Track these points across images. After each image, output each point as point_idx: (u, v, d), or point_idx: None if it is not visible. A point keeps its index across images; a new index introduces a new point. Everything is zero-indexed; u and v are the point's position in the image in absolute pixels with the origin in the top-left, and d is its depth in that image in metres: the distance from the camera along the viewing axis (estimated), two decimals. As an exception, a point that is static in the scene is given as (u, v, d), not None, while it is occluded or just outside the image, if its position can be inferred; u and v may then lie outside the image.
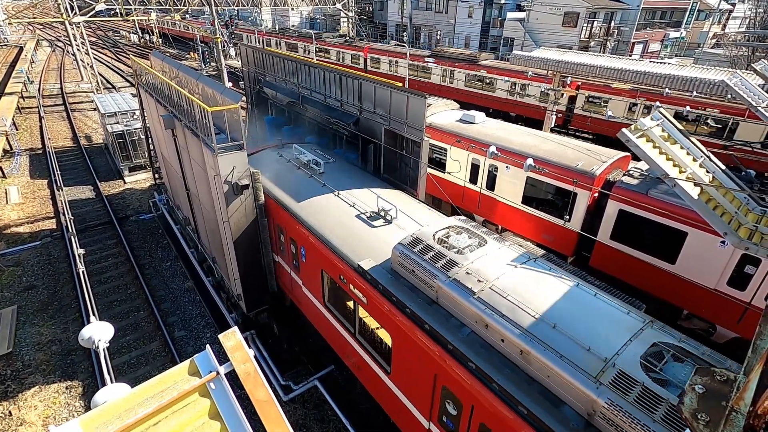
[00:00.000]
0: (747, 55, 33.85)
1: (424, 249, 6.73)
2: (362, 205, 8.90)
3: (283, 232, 9.61)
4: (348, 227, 8.28)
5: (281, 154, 11.34)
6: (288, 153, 11.41)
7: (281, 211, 9.41)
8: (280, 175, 10.39)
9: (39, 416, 9.66)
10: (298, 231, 8.87)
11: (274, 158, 11.26)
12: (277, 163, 11.01)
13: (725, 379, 2.43)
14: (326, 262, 8.11)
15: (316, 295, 9.05)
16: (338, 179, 9.99)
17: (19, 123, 29.43)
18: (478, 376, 5.35)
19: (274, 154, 11.47)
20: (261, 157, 11.42)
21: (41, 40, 72.43)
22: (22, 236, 16.39)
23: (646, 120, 7.08)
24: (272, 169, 10.70)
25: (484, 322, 5.63)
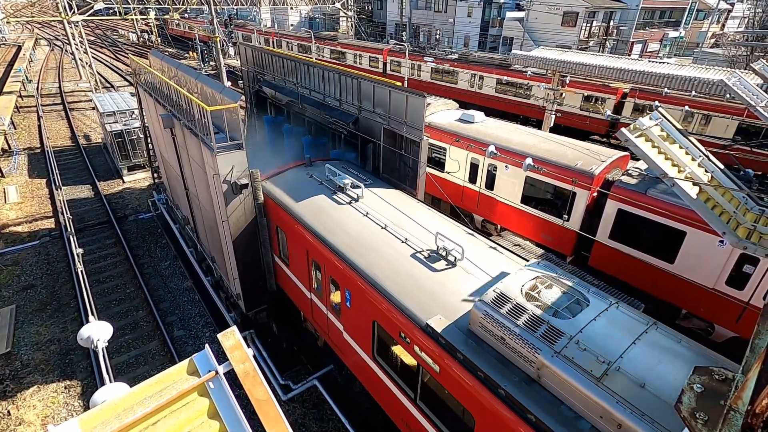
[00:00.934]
0: (746, 54, 33.89)
1: (515, 310, 5.37)
2: (417, 241, 7.67)
3: (321, 269, 8.38)
4: (405, 271, 7.02)
5: (311, 174, 10.14)
6: (319, 172, 10.22)
7: (319, 246, 8.17)
8: (314, 202, 9.14)
9: (38, 416, 9.65)
10: (342, 272, 7.62)
11: (304, 179, 10.03)
12: (308, 185, 9.74)
13: (723, 378, 2.43)
14: (381, 315, 6.84)
15: (363, 346, 7.77)
16: (382, 207, 8.85)
17: (17, 122, 29.36)
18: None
19: (303, 175, 10.27)
20: (288, 178, 10.25)
21: (40, 39, 72.26)
22: (20, 235, 16.36)
23: (644, 119, 7.09)
24: (303, 193, 9.46)
25: (617, 421, 4.20)
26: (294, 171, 10.50)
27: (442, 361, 5.65)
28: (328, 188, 9.51)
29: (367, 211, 8.57)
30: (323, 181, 9.80)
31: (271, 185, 9.98)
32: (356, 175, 10.03)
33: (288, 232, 9.27)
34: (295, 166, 10.70)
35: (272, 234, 10.11)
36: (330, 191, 9.37)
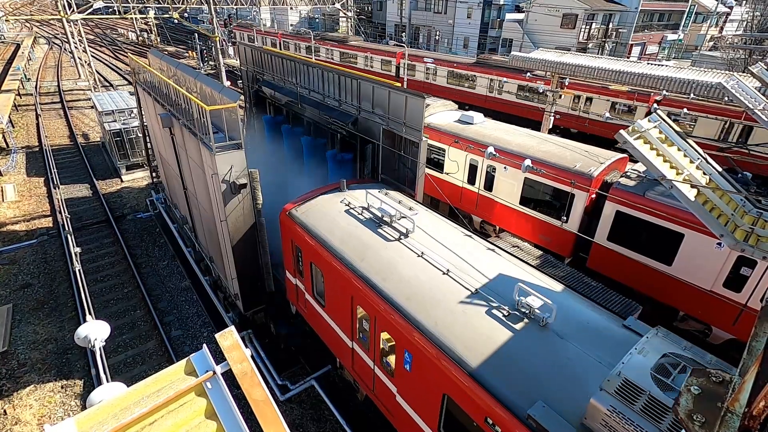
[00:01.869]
0: (744, 57, 34.02)
1: (652, 406, 4.15)
2: (489, 292, 6.36)
3: (369, 319, 7.23)
4: (484, 335, 5.71)
5: (348, 202, 8.92)
6: (357, 199, 9.07)
7: (367, 293, 7.03)
8: (356, 237, 7.96)
9: (34, 415, 9.62)
10: (400, 329, 6.40)
11: (340, 208, 8.82)
12: (346, 216, 8.54)
13: (721, 381, 2.44)
14: (455, 389, 5.59)
15: (426, 419, 6.52)
16: (436, 244, 7.59)
17: (15, 120, 29.28)
18: None
19: (338, 202, 9.01)
20: (322, 206, 9.00)
21: (39, 37, 72.11)
22: (18, 234, 16.31)
23: (643, 122, 7.11)
24: (343, 225, 8.31)
25: None
26: (327, 197, 9.25)
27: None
28: (370, 220, 8.28)
29: (421, 251, 7.30)
30: (364, 210, 8.58)
31: (302, 213, 8.97)
32: (400, 202, 8.75)
33: (326, 270, 8.08)
34: (328, 191, 9.46)
35: (305, 270, 9.06)
36: (374, 224, 8.17)
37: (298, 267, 9.39)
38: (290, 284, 10.16)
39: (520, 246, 11.70)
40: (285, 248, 9.74)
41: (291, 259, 9.55)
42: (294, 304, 10.42)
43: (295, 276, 9.69)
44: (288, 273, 10.06)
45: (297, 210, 9.14)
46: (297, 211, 9.12)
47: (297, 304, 10.18)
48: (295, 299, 10.17)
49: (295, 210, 9.16)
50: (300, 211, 9.07)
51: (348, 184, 9.67)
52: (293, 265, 9.57)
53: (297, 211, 9.10)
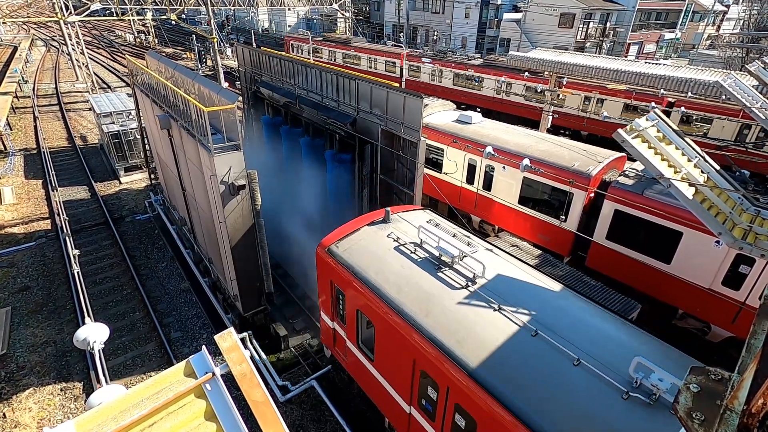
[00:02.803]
0: (741, 56, 34.10)
1: None
2: (598, 364, 5.05)
3: (438, 389, 6.02)
4: (605, 425, 4.49)
5: (397, 237, 7.67)
6: (406, 233, 7.80)
7: (437, 358, 5.84)
8: (414, 283, 6.68)
9: (33, 418, 9.59)
10: (485, 409, 5.21)
11: (388, 245, 7.54)
12: (397, 255, 7.29)
13: (720, 378, 2.44)
14: None
15: None
16: (513, 293, 6.39)
17: (13, 123, 29.22)
18: None
19: (384, 238, 7.73)
20: (366, 242, 7.75)
21: (36, 39, 71.98)
22: (16, 237, 16.27)
23: (641, 120, 7.13)
24: (395, 268, 7.03)
25: None
26: (371, 231, 7.99)
27: None
28: (427, 261, 7.07)
29: (498, 304, 6.06)
30: (416, 248, 7.37)
31: (344, 251, 7.68)
32: (455, 236, 7.46)
33: (378, 323, 6.93)
34: (371, 222, 8.22)
35: (348, 316, 7.81)
36: (432, 266, 6.95)
37: (339, 311, 8.10)
38: (326, 327, 8.86)
39: (519, 245, 11.71)
40: (322, 287, 8.47)
41: (329, 301, 8.26)
42: (329, 348, 9.20)
43: (334, 320, 8.44)
44: (323, 314, 8.79)
45: (338, 246, 7.76)
46: (338, 247, 7.75)
47: (334, 349, 8.92)
48: (332, 344, 8.89)
49: (335, 246, 7.77)
50: (341, 248, 7.71)
51: (392, 211, 8.43)
52: (331, 308, 8.30)
53: (338, 248, 7.73)
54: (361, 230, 8.02)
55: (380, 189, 11.70)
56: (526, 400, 4.92)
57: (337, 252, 7.72)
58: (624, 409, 4.52)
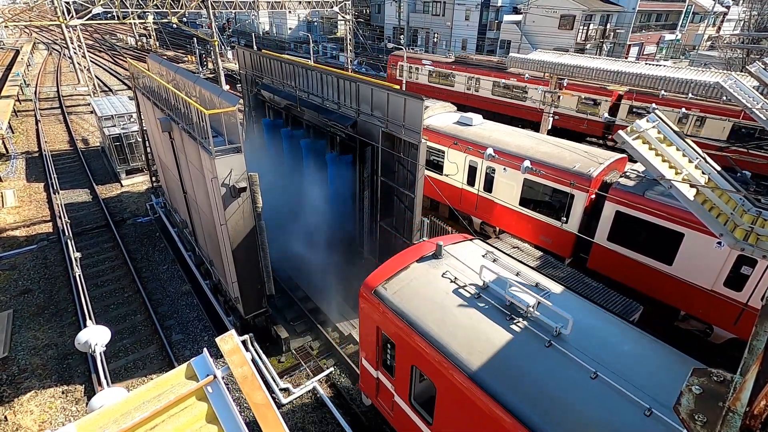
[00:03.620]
0: (742, 57, 34.10)
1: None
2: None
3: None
4: None
5: (455, 278, 6.65)
6: (464, 272, 6.78)
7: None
8: (485, 340, 5.68)
9: (35, 421, 9.59)
10: None
11: (446, 288, 6.55)
12: (458, 302, 6.27)
13: (722, 380, 2.43)
14: None
15: None
16: (613, 356, 5.28)
17: (15, 126, 29.32)
18: None
19: (439, 278, 6.75)
20: (420, 284, 6.74)
21: (38, 43, 72.27)
22: (18, 240, 16.31)
23: (641, 122, 7.13)
24: (459, 321, 6.00)
25: None
26: (423, 269, 7.01)
27: None
28: (496, 309, 6.04)
29: (594, 369, 5.02)
30: (481, 292, 6.33)
31: (394, 294, 6.71)
32: (518, 274, 6.52)
33: (442, 385, 5.88)
34: (421, 258, 7.23)
35: (399, 370, 6.86)
36: (503, 316, 5.92)
37: (385, 361, 7.28)
38: (368, 375, 7.95)
39: (520, 247, 11.70)
40: (365, 332, 7.54)
41: (374, 348, 7.38)
42: (370, 397, 8.37)
43: (378, 369, 7.54)
44: (365, 361, 7.93)
45: (386, 288, 6.80)
46: (386, 289, 6.78)
47: (376, 400, 8.08)
48: (374, 394, 8.04)
49: (383, 288, 6.82)
50: (391, 290, 6.74)
51: (440, 246, 7.30)
52: (376, 356, 7.43)
53: (386, 290, 6.76)
54: (411, 268, 7.03)
55: (381, 191, 11.71)
56: None
57: (385, 295, 6.68)
58: None
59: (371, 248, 12.98)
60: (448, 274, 6.77)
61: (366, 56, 50.65)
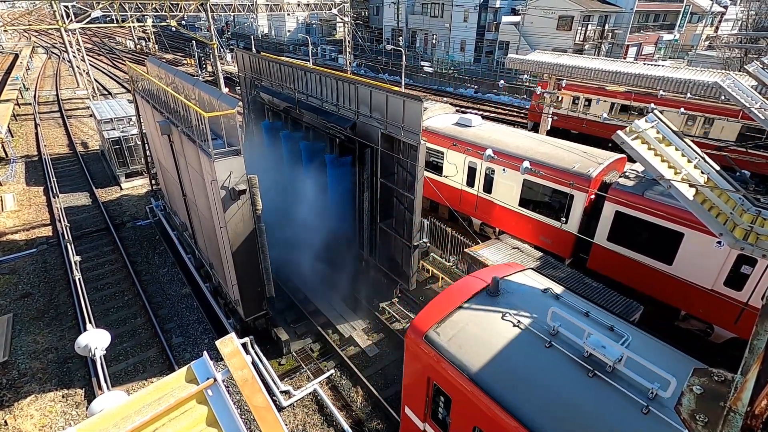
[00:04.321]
0: (740, 56, 34.17)
1: None
2: None
3: None
4: None
5: (518, 321, 5.78)
6: (527, 314, 5.89)
7: None
8: (569, 405, 4.84)
9: (35, 425, 9.57)
10: None
11: (507, 333, 5.69)
12: (524, 351, 5.45)
13: (723, 380, 2.43)
14: None
15: None
16: None
17: (14, 130, 29.32)
18: None
19: (499, 321, 5.88)
20: (477, 329, 5.86)
21: (37, 47, 72.34)
22: (17, 244, 16.29)
23: (640, 122, 7.13)
24: (524, 372, 5.25)
25: None
26: (479, 311, 6.13)
27: None
28: (572, 360, 5.16)
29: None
30: (552, 338, 5.43)
31: (448, 340, 5.82)
32: (588, 314, 5.80)
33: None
34: (474, 296, 6.35)
35: (454, 425, 5.97)
36: (581, 370, 5.05)
37: (437, 415, 6.38)
38: (411, 426, 7.12)
39: (520, 248, 11.69)
40: (412, 379, 6.67)
41: (422, 399, 6.53)
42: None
43: (426, 421, 6.70)
44: (408, 409, 7.11)
45: (438, 333, 5.92)
46: (438, 334, 5.91)
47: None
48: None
49: (434, 333, 5.94)
50: (444, 336, 5.86)
51: (499, 281, 6.39)
52: (424, 408, 6.59)
53: (439, 335, 5.89)
54: (464, 308, 6.16)
55: (380, 192, 11.72)
56: None
57: (439, 342, 5.77)
58: None
59: (371, 250, 12.98)
60: (509, 316, 5.87)
61: (365, 58, 50.70)
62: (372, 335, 11.77)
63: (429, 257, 14.70)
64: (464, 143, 14.40)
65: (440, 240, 14.49)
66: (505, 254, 10.39)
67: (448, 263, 14.33)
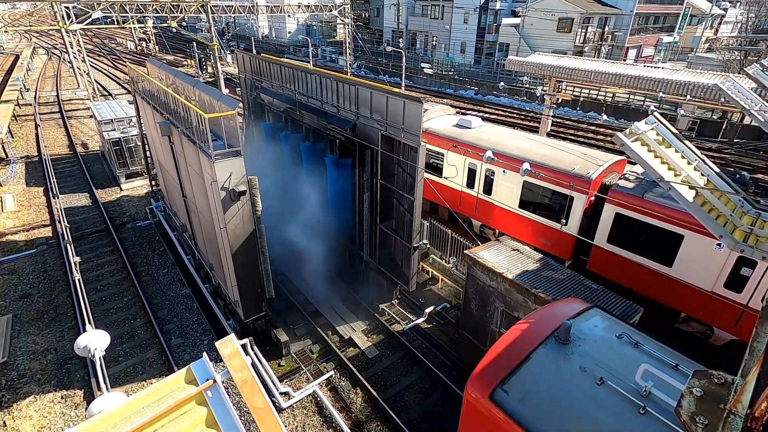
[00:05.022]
0: (739, 59, 34.22)
1: None
2: None
3: None
4: None
5: (600, 379, 4.85)
6: (603, 362, 5.10)
7: None
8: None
9: (34, 426, 9.55)
10: None
11: (589, 390, 4.82)
12: (610, 414, 4.58)
13: (723, 382, 2.43)
14: None
15: None
16: None
17: (14, 131, 29.34)
18: None
19: (579, 376, 5.01)
20: (549, 385, 5.00)
21: (38, 47, 72.44)
22: (17, 244, 16.29)
23: (640, 124, 7.14)
24: None
25: None
26: (549, 361, 5.26)
27: None
28: (668, 427, 4.34)
29: None
30: (641, 401, 4.58)
31: (522, 401, 4.88)
32: (677, 368, 5.00)
33: None
34: (540, 345, 5.43)
35: None
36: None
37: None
38: None
39: (520, 250, 11.69)
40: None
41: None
42: None
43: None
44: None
45: (507, 392, 4.97)
46: (507, 393, 4.96)
47: None
48: None
49: (503, 392, 4.97)
50: (515, 396, 4.93)
51: (571, 321, 5.51)
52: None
53: (509, 395, 4.93)
54: (534, 360, 5.26)
55: (381, 194, 11.72)
56: None
57: (510, 404, 4.83)
58: None
59: (371, 251, 12.98)
60: (590, 371, 4.99)
61: (365, 60, 50.77)
62: (372, 336, 11.76)
63: (429, 259, 14.70)
64: (464, 145, 14.41)
65: (440, 241, 14.49)
66: (505, 256, 10.39)
67: (448, 265, 14.32)
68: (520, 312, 9.35)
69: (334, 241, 13.76)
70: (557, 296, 8.77)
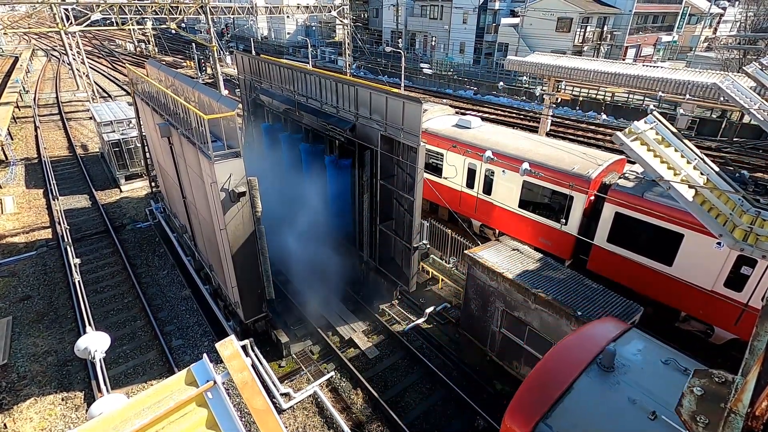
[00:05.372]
0: (738, 58, 34.24)
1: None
2: None
3: None
4: None
5: (652, 413, 4.52)
6: (659, 401, 4.64)
7: None
8: None
9: (34, 428, 9.55)
10: None
11: (638, 423, 4.48)
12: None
13: (723, 381, 2.43)
14: None
15: None
16: None
17: (14, 133, 29.34)
18: None
19: (628, 407, 4.67)
20: (591, 417, 4.65)
21: (37, 49, 72.45)
22: (17, 246, 16.28)
23: (639, 123, 7.15)
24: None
25: None
26: (594, 392, 4.89)
27: None
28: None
29: None
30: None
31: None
32: None
33: None
34: (583, 373, 5.06)
35: None
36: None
37: None
38: None
39: (520, 249, 11.68)
40: None
41: None
42: None
43: None
44: None
45: (551, 426, 4.60)
46: (551, 428, 4.59)
47: None
48: None
49: (545, 426, 4.62)
50: (559, 430, 4.58)
51: (612, 338, 5.37)
52: None
53: (552, 430, 4.57)
54: (577, 390, 4.87)
55: (380, 194, 11.72)
56: None
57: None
58: None
59: (371, 251, 12.98)
60: (640, 403, 4.57)
61: (364, 60, 50.78)
62: (372, 337, 11.76)
63: (429, 259, 14.70)
64: (464, 145, 14.42)
65: (440, 241, 14.49)
66: (505, 256, 10.40)
67: (448, 265, 14.32)
68: (520, 312, 9.35)
69: (334, 241, 13.76)
70: (557, 296, 8.77)
